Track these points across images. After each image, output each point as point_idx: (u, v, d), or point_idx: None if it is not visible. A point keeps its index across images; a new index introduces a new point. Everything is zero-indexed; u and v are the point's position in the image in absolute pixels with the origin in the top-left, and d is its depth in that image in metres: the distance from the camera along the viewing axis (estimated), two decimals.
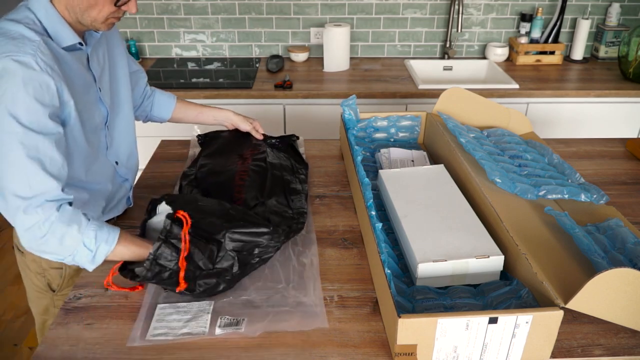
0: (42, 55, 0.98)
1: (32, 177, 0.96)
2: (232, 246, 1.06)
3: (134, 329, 1.00)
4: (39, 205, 0.96)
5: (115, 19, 1.10)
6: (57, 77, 1.00)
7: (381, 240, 1.07)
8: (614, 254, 1.09)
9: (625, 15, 2.69)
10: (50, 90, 0.99)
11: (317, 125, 2.32)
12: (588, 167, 1.60)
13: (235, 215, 1.12)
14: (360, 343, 0.98)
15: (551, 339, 0.91)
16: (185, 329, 0.99)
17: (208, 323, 1.01)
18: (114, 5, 1.05)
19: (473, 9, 2.67)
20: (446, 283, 1.05)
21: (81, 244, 0.99)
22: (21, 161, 0.95)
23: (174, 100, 1.53)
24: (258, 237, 1.09)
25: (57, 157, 0.99)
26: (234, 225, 1.08)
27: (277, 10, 2.63)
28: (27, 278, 1.31)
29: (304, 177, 1.46)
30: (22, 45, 0.97)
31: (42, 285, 1.29)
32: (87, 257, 1.00)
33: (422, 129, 1.69)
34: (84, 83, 1.13)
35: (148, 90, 1.50)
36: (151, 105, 1.50)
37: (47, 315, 1.34)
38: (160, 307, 1.05)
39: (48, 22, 1.04)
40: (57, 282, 1.29)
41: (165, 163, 1.62)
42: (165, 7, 2.61)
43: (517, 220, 1.16)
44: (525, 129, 1.67)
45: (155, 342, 0.97)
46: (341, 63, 2.54)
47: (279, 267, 1.16)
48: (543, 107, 2.35)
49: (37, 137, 0.97)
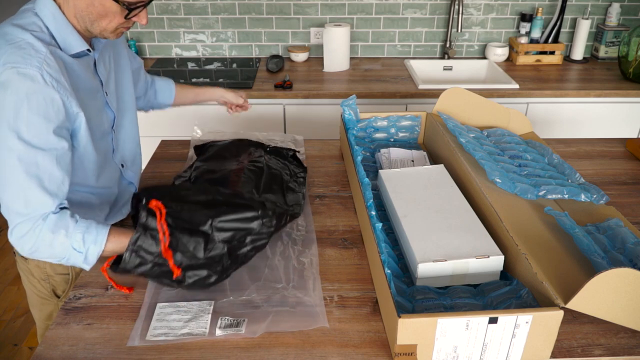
0: (48, 67, 0.96)
1: (29, 193, 0.96)
2: (222, 237, 1.01)
3: (134, 329, 1.00)
4: (33, 219, 0.97)
5: (124, 29, 1.08)
6: (63, 91, 0.99)
7: (381, 240, 1.07)
8: (614, 254, 1.09)
9: (625, 15, 2.69)
10: (55, 105, 0.98)
11: (317, 125, 2.32)
12: (588, 167, 1.60)
13: (222, 200, 1.06)
14: (360, 343, 0.98)
15: (551, 339, 0.91)
16: (185, 329, 0.99)
17: (208, 323, 1.01)
18: (124, 18, 1.04)
19: (473, 9, 2.67)
20: (446, 283, 1.05)
21: (70, 248, 0.98)
22: (19, 177, 0.95)
23: (173, 84, 1.56)
24: (248, 223, 1.04)
25: (57, 174, 0.99)
26: (220, 212, 1.02)
27: (277, 10, 2.63)
28: (29, 284, 1.28)
29: (302, 180, 1.46)
30: (28, 57, 0.95)
31: (47, 292, 1.28)
32: (80, 259, 1.00)
33: (422, 129, 1.69)
34: (91, 89, 1.12)
35: (149, 79, 1.51)
36: (155, 93, 1.51)
37: (50, 321, 1.32)
38: (160, 307, 1.04)
39: (56, 29, 1.02)
40: (63, 287, 1.28)
41: (165, 163, 1.62)
42: (165, 7, 2.61)
43: (517, 220, 1.16)
44: (525, 129, 1.67)
45: (155, 343, 0.97)
46: (341, 63, 2.54)
47: (279, 267, 1.16)
48: (543, 107, 2.35)
49: (37, 153, 0.96)
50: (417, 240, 1.09)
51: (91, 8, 1.01)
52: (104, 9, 1.01)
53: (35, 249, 0.98)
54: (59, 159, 0.99)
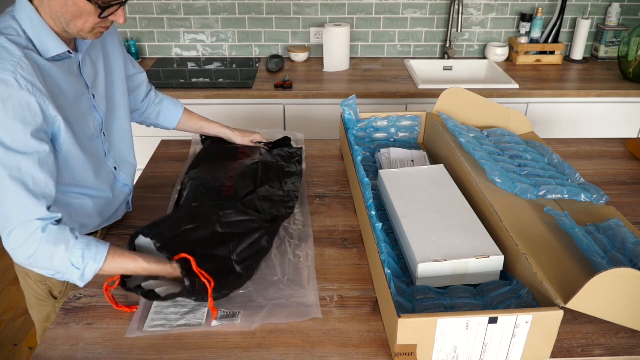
0: (22, 71, 0.95)
1: (16, 198, 0.95)
2: (241, 267, 1.07)
3: (132, 322, 1.02)
4: (24, 225, 0.95)
5: (103, 29, 1.05)
6: (38, 94, 0.97)
7: (381, 240, 1.07)
8: (614, 254, 1.09)
9: (625, 15, 2.69)
10: (32, 108, 0.96)
11: (317, 125, 2.32)
12: (588, 167, 1.60)
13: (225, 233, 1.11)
14: (360, 343, 0.98)
15: (551, 339, 0.91)
16: (182, 321, 1.01)
17: (205, 315, 1.03)
18: (98, 17, 1.01)
19: (473, 9, 2.67)
20: (446, 283, 1.05)
21: (69, 263, 0.97)
22: (4, 182, 0.94)
23: (181, 111, 1.50)
24: (258, 244, 1.13)
25: (40, 177, 0.98)
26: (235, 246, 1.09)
27: (277, 10, 2.63)
28: (26, 285, 1.28)
29: (299, 159, 1.48)
30: (1, 61, 0.94)
31: (43, 293, 1.27)
32: (76, 275, 0.99)
33: (422, 129, 1.69)
34: (75, 92, 1.10)
35: (153, 96, 1.46)
36: (158, 113, 1.47)
37: (48, 322, 1.32)
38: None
39: (33, 32, 1.00)
40: (60, 289, 1.28)
41: (165, 163, 1.62)
42: (165, 7, 2.61)
43: (517, 220, 1.16)
44: (525, 129, 1.67)
45: (153, 333, 0.98)
46: (341, 63, 2.54)
47: (274, 261, 1.17)
48: (543, 107, 2.35)
49: (18, 158, 0.95)
50: (417, 240, 1.09)
51: (65, 8, 0.99)
52: (78, 8, 0.99)
53: (33, 260, 0.97)
54: (41, 162, 0.97)
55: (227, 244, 1.08)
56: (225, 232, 1.11)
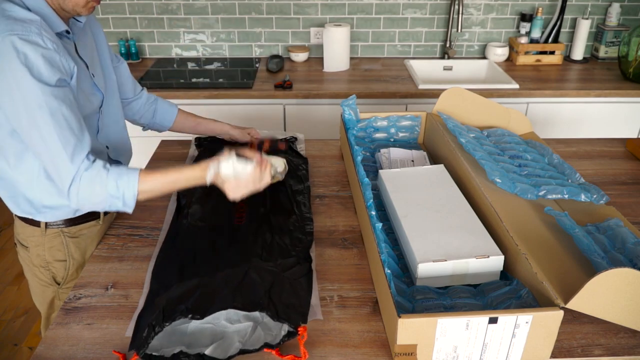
0: (46, 33, 1.02)
1: (66, 141, 1.03)
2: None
3: (132, 320, 1.02)
4: (79, 172, 1.04)
5: (95, 2, 1.12)
6: (62, 53, 1.04)
7: (381, 240, 1.07)
8: (614, 254, 1.09)
9: (625, 15, 2.69)
10: (58, 62, 1.03)
11: (317, 125, 2.32)
12: (588, 167, 1.60)
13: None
14: (360, 343, 0.98)
15: (551, 339, 0.91)
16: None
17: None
18: None
19: (473, 9, 2.67)
20: (446, 283, 1.05)
21: (108, 195, 1.07)
22: (53, 128, 1.01)
23: (176, 110, 1.53)
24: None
25: (77, 120, 1.06)
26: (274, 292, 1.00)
27: (277, 10, 2.63)
28: (30, 272, 1.32)
29: (304, 173, 1.46)
30: (27, 25, 1.00)
31: (47, 279, 1.30)
32: (119, 203, 1.09)
33: (422, 129, 1.69)
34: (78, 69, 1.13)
35: (147, 96, 1.49)
36: (154, 111, 1.50)
37: (52, 309, 1.35)
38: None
39: (38, 9, 1.06)
40: (62, 274, 1.30)
41: (165, 163, 1.62)
42: (165, 7, 2.61)
43: (517, 220, 1.16)
44: (525, 129, 1.67)
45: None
46: (341, 63, 2.54)
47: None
48: (543, 107, 2.35)
49: (60, 103, 1.02)
50: (417, 240, 1.09)
51: None
52: None
53: (82, 202, 1.07)
54: (72, 107, 1.05)
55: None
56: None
